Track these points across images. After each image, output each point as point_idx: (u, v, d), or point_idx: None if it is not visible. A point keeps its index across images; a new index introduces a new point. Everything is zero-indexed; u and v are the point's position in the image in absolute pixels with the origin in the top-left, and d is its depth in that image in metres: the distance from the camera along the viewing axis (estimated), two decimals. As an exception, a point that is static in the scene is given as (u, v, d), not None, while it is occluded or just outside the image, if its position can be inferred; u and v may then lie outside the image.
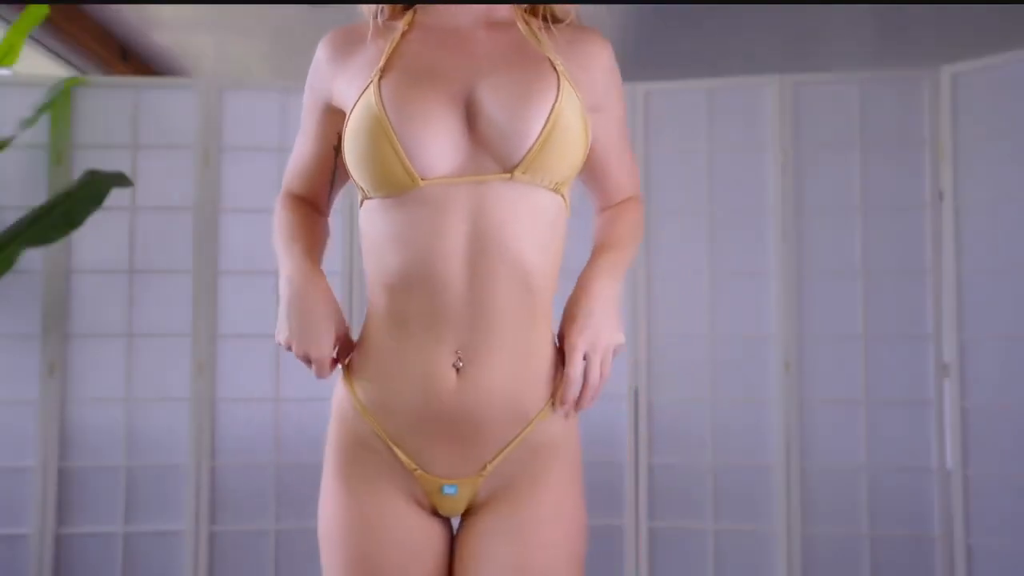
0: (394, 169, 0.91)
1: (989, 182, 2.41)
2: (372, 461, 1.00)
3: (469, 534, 1.01)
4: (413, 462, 0.98)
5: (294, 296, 0.98)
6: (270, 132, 2.62)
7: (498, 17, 1.02)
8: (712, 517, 2.58)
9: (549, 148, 0.91)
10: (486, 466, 0.98)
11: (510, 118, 0.91)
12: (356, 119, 0.93)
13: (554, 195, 0.95)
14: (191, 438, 2.54)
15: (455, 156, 0.92)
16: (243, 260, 2.60)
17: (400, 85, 0.93)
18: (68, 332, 2.54)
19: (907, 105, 2.54)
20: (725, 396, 2.60)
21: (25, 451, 2.50)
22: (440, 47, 0.99)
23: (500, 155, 0.91)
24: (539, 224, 0.94)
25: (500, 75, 0.94)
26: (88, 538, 2.51)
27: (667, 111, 2.68)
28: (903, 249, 2.53)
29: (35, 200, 2.52)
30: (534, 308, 0.96)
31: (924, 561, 2.46)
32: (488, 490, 1.00)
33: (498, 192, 0.92)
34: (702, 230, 2.64)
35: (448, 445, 0.98)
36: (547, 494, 0.99)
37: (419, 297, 0.93)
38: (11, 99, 2.54)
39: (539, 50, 0.98)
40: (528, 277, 0.94)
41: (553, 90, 0.93)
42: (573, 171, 0.96)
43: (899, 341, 2.51)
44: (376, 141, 0.91)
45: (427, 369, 0.95)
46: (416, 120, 0.91)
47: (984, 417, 2.38)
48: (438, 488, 0.99)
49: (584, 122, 0.95)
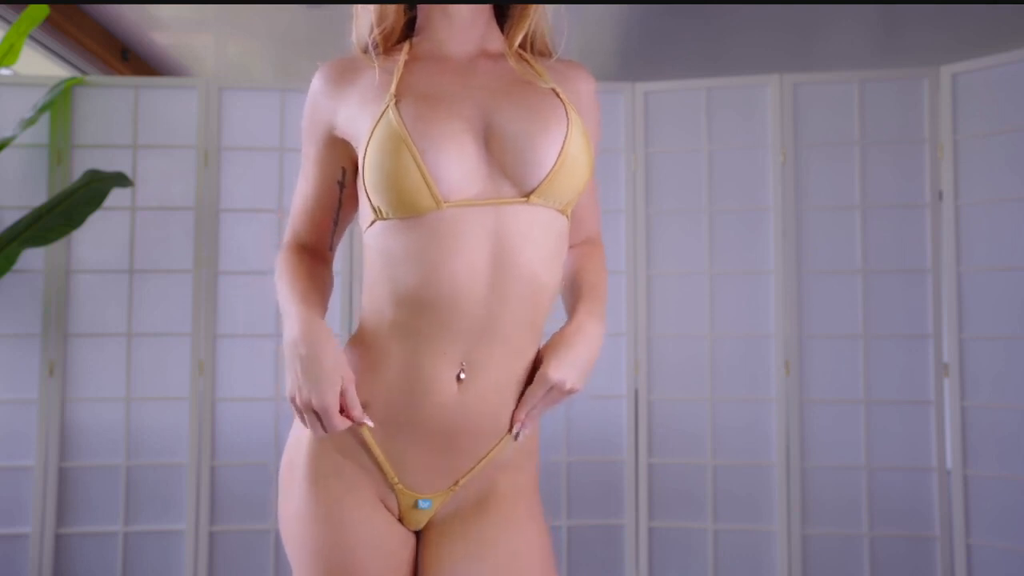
0: (419, 190, 0.93)
1: (989, 182, 2.41)
2: (348, 467, 1.01)
3: (436, 552, 1.03)
4: (395, 475, 1.01)
5: (299, 349, 0.97)
6: (270, 132, 2.62)
7: (492, 49, 1.06)
8: (712, 517, 2.58)
9: (562, 174, 0.97)
10: (458, 481, 1.02)
11: (528, 146, 0.96)
12: (379, 140, 0.95)
13: (561, 216, 1.00)
14: (191, 438, 2.54)
15: (475, 179, 0.95)
16: (243, 260, 2.60)
17: (419, 108, 0.96)
18: (68, 332, 2.54)
19: (907, 105, 2.54)
20: (725, 396, 2.60)
21: (25, 451, 2.51)
22: (446, 75, 1.01)
23: (517, 180, 0.96)
24: (550, 243, 0.99)
25: (512, 104, 0.98)
26: (88, 538, 2.51)
27: (667, 111, 2.68)
28: (903, 249, 2.53)
29: (35, 200, 2.53)
30: (536, 325, 1.01)
31: (924, 561, 2.46)
32: (453, 505, 1.04)
33: (515, 215, 0.96)
34: (702, 230, 2.64)
35: (430, 456, 1.00)
36: (510, 510, 1.03)
37: (432, 313, 0.95)
38: (11, 99, 2.55)
39: (539, 81, 1.02)
40: (538, 295, 0.99)
41: (564, 120, 0.98)
42: (578, 194, 1.01)
43: (899, 341, 2.51)
44: (401, 162, 0.93)
45: (431, 377, 0.97)
46: (439, 143, 0.94)
47: (984, 417, 2.38)
48: (414, 503, 1.02)
49: (588, 148, 1.00)
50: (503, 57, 1.05)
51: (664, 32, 3.97)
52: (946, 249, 2.46)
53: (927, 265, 2.50)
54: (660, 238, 2.65)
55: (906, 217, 2.53)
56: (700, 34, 4.00)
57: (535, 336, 1.01)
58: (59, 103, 2.56)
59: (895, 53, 4.21)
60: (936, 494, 2.46)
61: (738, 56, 4.21)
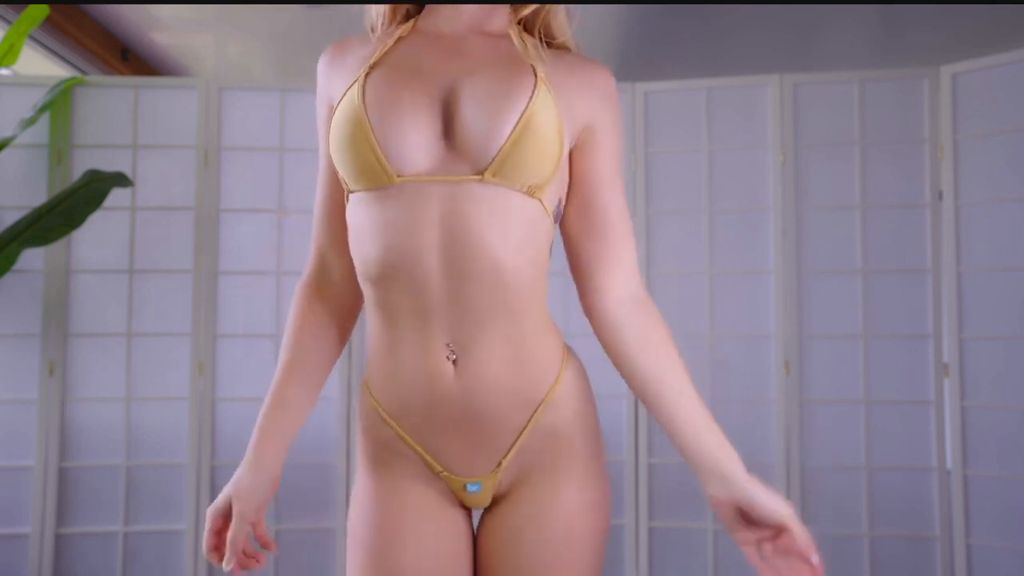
0: (371, 164, 0.93)
1: (989, 182, 2.41)
2: (399, 464, 1.02)
3: (492, 525, 1.03)
4: (437, 463, 1.01)
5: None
6: (270, 132, 2.62)
7: (494, 27, 1.03)
8: (712, 517, 2.58)
9: (519, 151, 0.92)
10: (501, 462, 1.00)
11: (482, 120, 0.92)
12: (339, 113, 0.95)
13: (529, 198, 0.95)
14: (191, 438, 2.54)
15: (430, 155, 0.93)
16: (243, 260, 2.60)
17: (384, 83, 0.95)
18: (68, 332, 2.54)
19: (907, 105, 2.54)
20: (725, 396, 2.60)
21: (25, 451, 2.51)
22: (430, 50, 1.00)
23: (472, 156, 0.92)
24: (511, 225, 0.93)
25: (479, 78, 0.95)
26: (88, 538, 2.51)
27: (667, 111, 2.68)
28: (903, 248, 2.53)
29: (35, 200, 2.53)
30: (516, 303, 0.96)
31: (924, 561, 2.46)
32: (508, 481, 1.02)
33: (470, 193, 0.92)
34: (702, 229, 2.64)
35: (461, 443, 0.99)
36: (566, 478, 1.01)
37: (400, 291, 0.94)
38: (11, 99, 2.55)
39: (524, 58, 0.98)
40: (503, 275, 0.94)
41: (527, 94, 0.93)
42: (546, 176, 0.95)
43: (899, 341, 2.51)
44: (354, 136, 0.93)
45: (425, 364, 0.96)
46: (393, 118, 0.92)
47: (984, 417, 2.38)
48: (462, 487, 1.02)
49: (559, 127, 0.94)
50: (502, 38, 1.02)
51: (664, 32, 3.96)
52: (946, 249, 2.46)
53: (927, 265, 2.50)
54: (660, 238, 2.65)
55: (906, 217, 2.53)
56: (700, 34, 4.00)
57: (524, 313, 0.97)
58: (59, 103, 2.56)
59: (895, 53, 4.21)
60: (936, 494, 2.46)
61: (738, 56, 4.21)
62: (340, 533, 2.56)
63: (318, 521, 2.58)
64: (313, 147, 2.63)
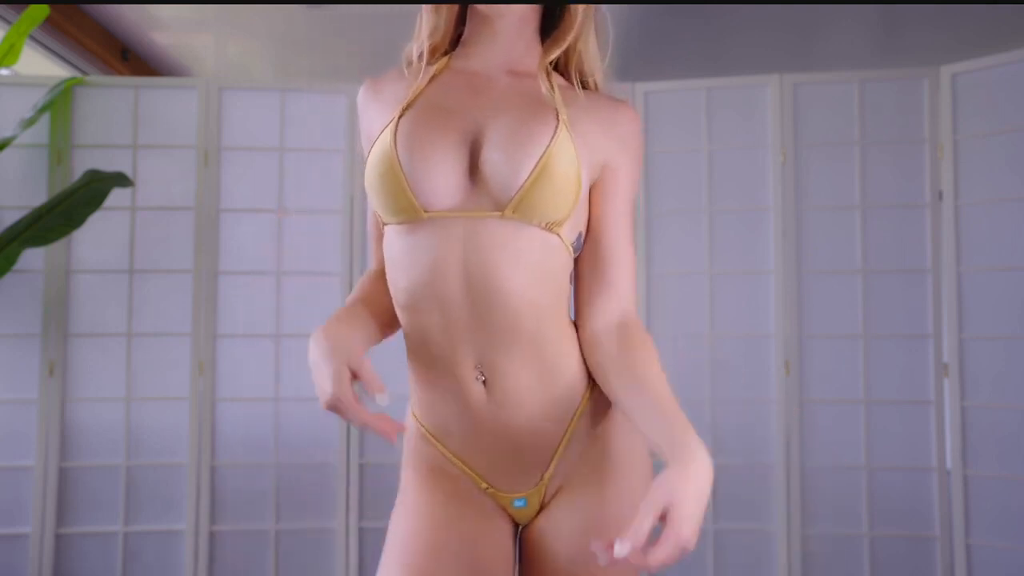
0: (401, 201, 0.98)
1: (989, 182, 2.41)
2: (447, 481, 1.07)
3: (538, 524, 1.08)
4: (483, 480, 1.07)
5: (310, 355, 0.97)
6: (270, 132, 2.62)
7: (525, 67, 1.07)
8: (712, 517, 2.58)
9: (539, 190, 0.96)
10: (543, 476, 1.06)
11: (506, 159, 0.97)
12: (373, 153, 1.01)
13: (547, 234, 0.99)
14: (191, 438, 2.54)
15: (456, 192, 0.98)
16: (243, 260, 2.60)
17: (415, 125, 1.00)
18: (68, 332, 2.54)
19: (907, 105, 2.54)
20: (725, 396, 2.60)
21: (25, 451, 2.51)
22: (461, 89, 1.04)
23: (494, 194, 0.97)
24: (530, 260, 0.98)
25: (504, 120, 1.00)
26: (88, 538, 2.51)
27: (667, 111, 2.68)
28: (903, 248, 2.53)
29: (35, 200, 2.53)
30: (536, 329, 1.01)
31: (924, 561, 2.46)
32: (553, 490, 1.08)
33: (491, 228, 0.97)
34: (702, 229, 2.64)
35: (502, 460, 1.05)
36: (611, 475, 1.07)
37: (428, 317, 1.00)
38: (11, 99, 2.55)
39: (549, 99, 1.02)
40: (520, 305, 0.98)
41: (548, 135, 0.98)
42: (564, 213, 0.98)
43: (899, 341, 2.51)
44: (386, 176, 0.98)
45: (457, 386, 1.02)
46: (421, 156, 0.97)
47: (984, 417, 2.38)
48: (509, 503, 1.08)
49: (577, 169, 0.99)
50: (531, 77, 1.06)
51: (664, 32, 3.96)
52: (946, 249, 2.46)
53: (927, 265, 2.50)
54: (660, 238, 2.65)
55: (906, 217, 2.53)
56: (700, 34, 3.99)
57: (548, 339, 1.02)
58: (59, 103, 2.56)
59: (895, 53, 4.20)
60: (936, 494, 2.46)
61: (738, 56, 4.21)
62: (340, 533, 2.56)
63: (318, 521, 2.58)
64: (313, 147, 2.63)
